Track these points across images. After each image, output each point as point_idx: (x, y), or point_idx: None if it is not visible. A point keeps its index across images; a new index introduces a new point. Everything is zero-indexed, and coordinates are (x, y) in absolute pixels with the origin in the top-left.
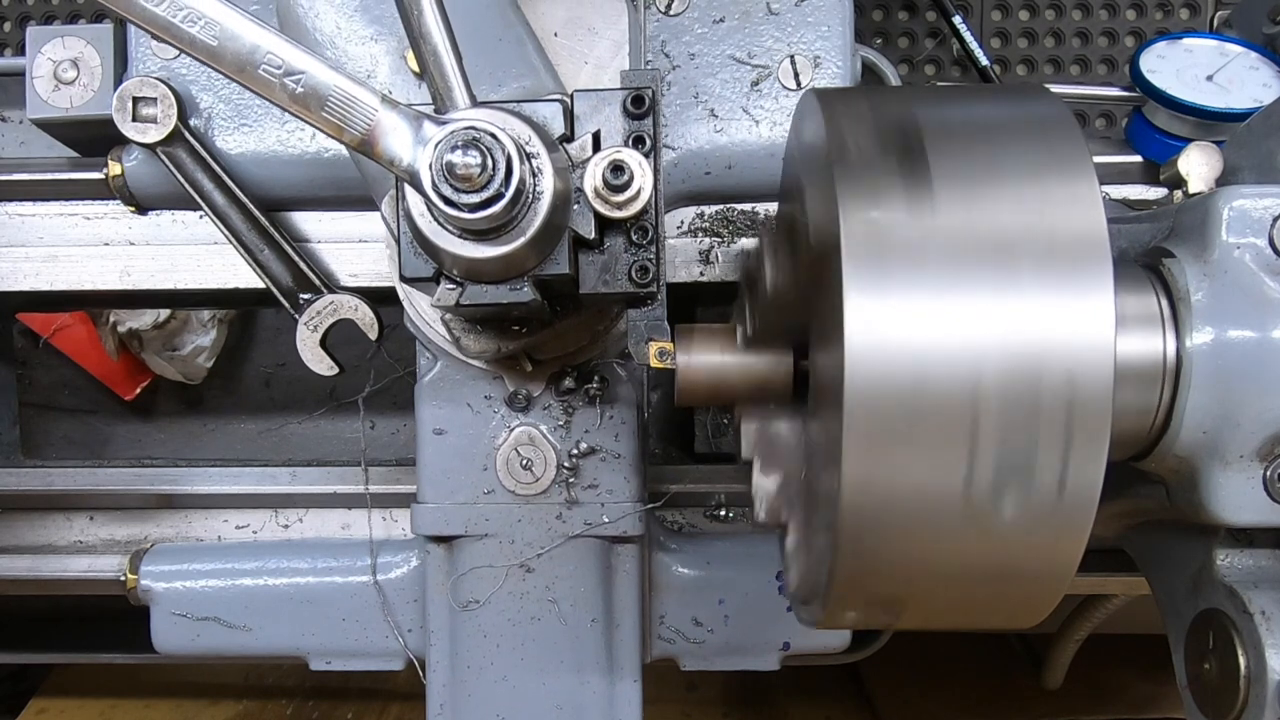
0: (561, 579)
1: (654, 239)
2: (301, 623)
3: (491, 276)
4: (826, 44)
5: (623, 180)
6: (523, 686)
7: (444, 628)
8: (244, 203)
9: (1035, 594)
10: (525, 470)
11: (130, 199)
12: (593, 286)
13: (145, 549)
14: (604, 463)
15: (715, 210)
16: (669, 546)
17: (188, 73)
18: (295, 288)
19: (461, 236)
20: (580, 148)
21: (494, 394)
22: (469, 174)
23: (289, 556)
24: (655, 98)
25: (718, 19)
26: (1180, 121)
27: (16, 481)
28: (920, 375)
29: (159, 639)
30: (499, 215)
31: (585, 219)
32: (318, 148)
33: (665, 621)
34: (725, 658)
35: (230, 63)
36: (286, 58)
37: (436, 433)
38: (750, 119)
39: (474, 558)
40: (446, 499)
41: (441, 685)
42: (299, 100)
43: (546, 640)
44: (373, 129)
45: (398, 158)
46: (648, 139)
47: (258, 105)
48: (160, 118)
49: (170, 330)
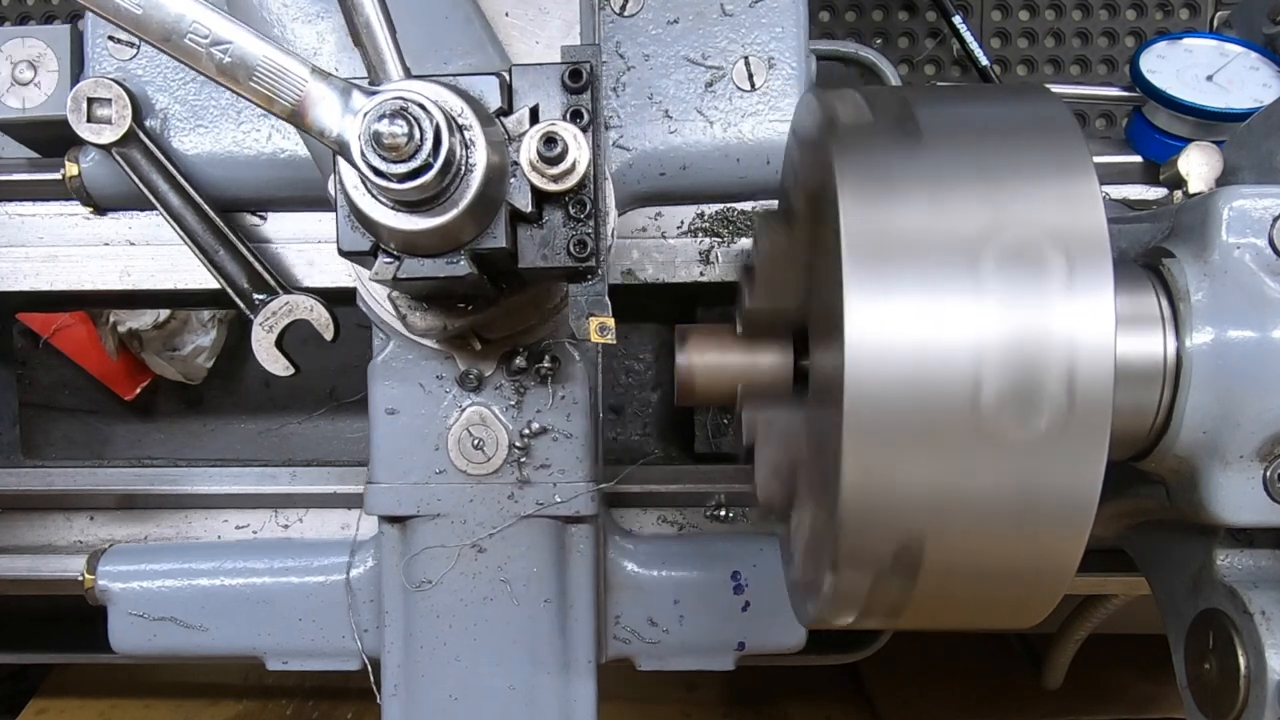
0: (514, 559)
1: (592, 213)
2: (258, 623)
3: (428, 250)
4: (781, 45)
5: (556, 153)
6: (476, 667)
7: (398, 608)
8: (198, 203)
9: (1035, 594)
10: (477, 450)
11: (88, 199)
12: (531, 261)
13: (103, 549)
14: (555, 443)
15: (715, 210)
16: (624, 547)
17: (144, 74)
18: (251, 289)
19: (395, 208)
20: (517, 121)
21: (445, 374)
22: (396, 144)
23: (246, 557)
24: (594, 72)
25: (672, 20)
26: (1180, 121)
27: (16, 481)
28: (920, 374)
29: (116, 639)
30: (429, 186)
31: (522, 192)
32: (274, 148)
33: (621, 621)
34: (681, 658)
35: (155, 31)
36: (213, 27)
37: (389, 412)
38: (705, 120)
39: (426, 538)
40: (399, 479)
41: (396, 666)
42: (226, 71)
43: (499, 620)
44: (302, 100)
45: (328, 129)
46: (585, 113)
47: (214, 106)
48: (115, 118)
49: (170, 330)
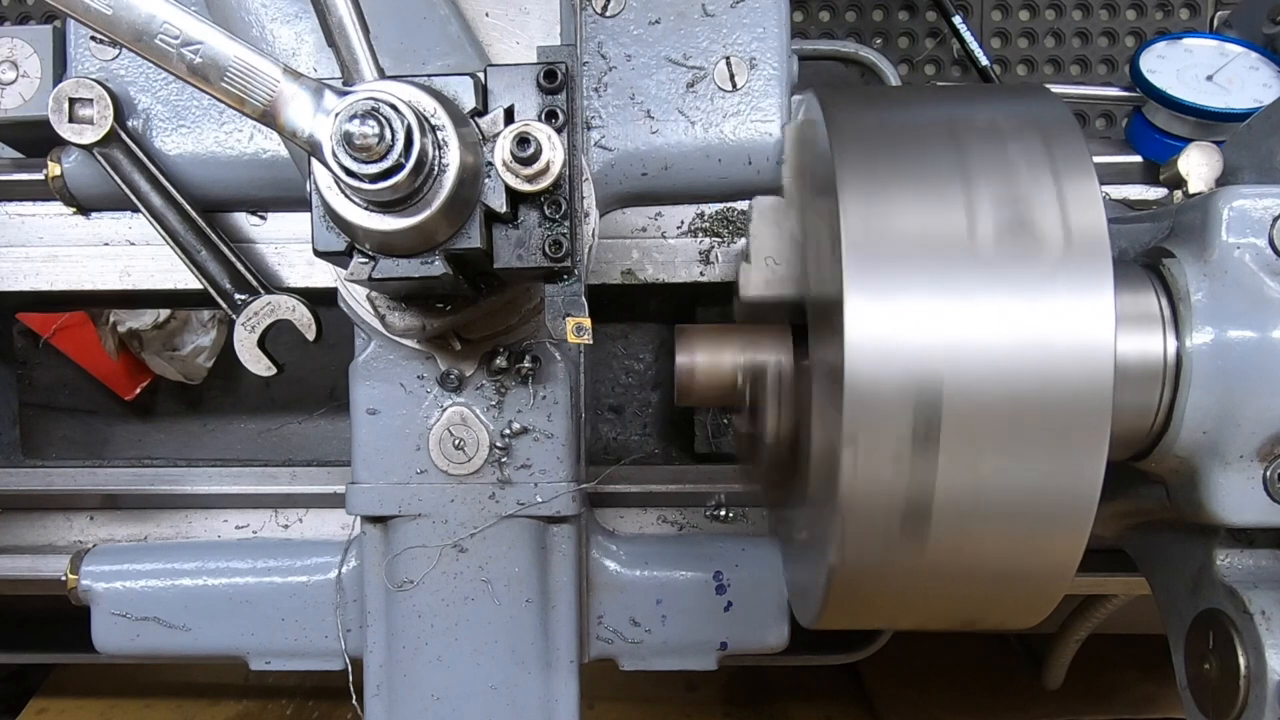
0: (495, 559)
1: (568, 213)
2: (241, 623)
3: (403, 250)
4: (762, 45)
5: (529, 153)
6: (458, 667)
7: (380, 609)
8: (181, 203)
9: (1035, 594)
10: (458, 450)
11: (70, 200)
12: (507, 261)
13: (87, 549)
14: (536, 443)
15: (715, 210)
16: (607, 547)
17: (126, 74)
18: (233, 288)
19: (368, 209)
20: (492, 122)
21: (426, 374)
22: (367, 144)
23: (229, 557)
24: (570, 72)
25: (653, 20)
26: (1180, 121)
27: (16, 481)
28: (919, 374)
29: (99, 639)
30: (401, 186)
31: (496, 192)
32: (256, 148)
33: (603, 621)
34: (664, 658)
35: (126, 32)
36: (184, 27)
37: (370, 413)
38: (686, 120)
39: (408, 538)
40: (380, 479)
41: (379, 666)
42: (198, 71)
43: (480, 621)
44: (274, 100)
45: (300, 129)
46: (560, 113)
47: (196, 106)
48: (97, 119)
49: (170, 330)
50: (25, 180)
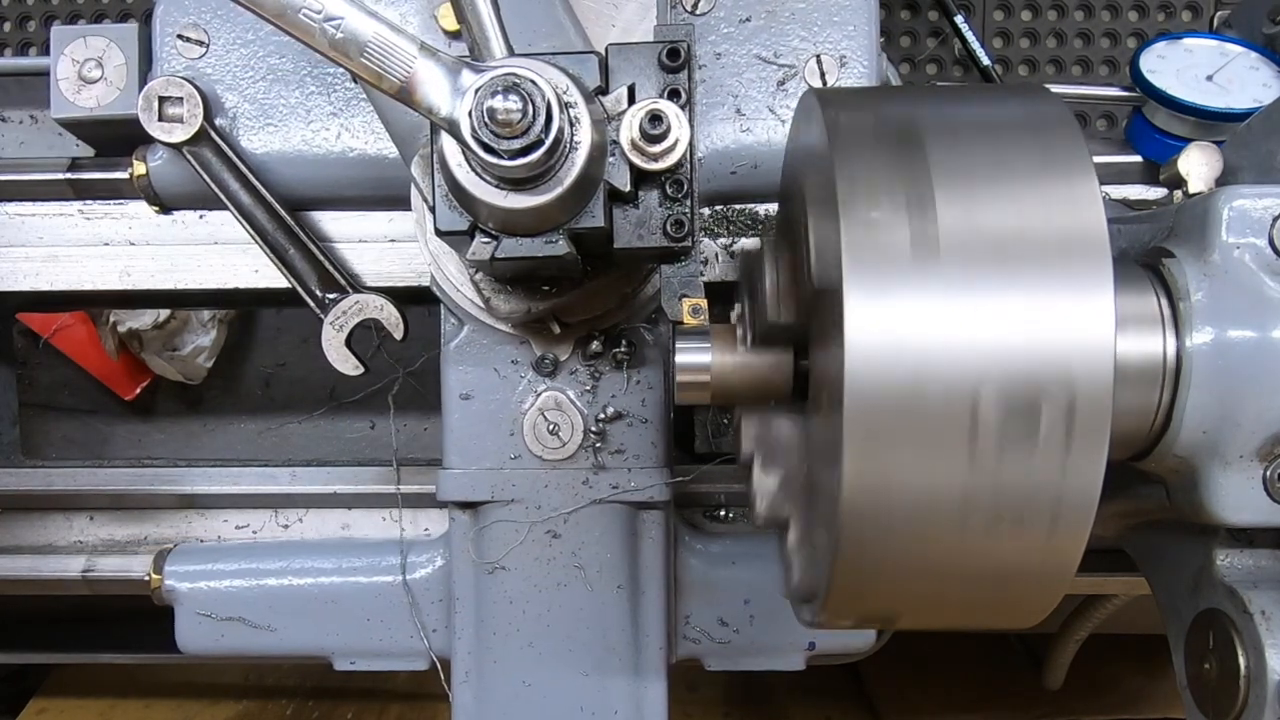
0: (588, 544)
1: (689, 193)
2: (326, 623)
3: (526, 229)
4: (853, 43)
5: (660, 130)
6: (549, 653)
7: (469, 596)
8: (270, 202)
9: (1035, 594)
10: (552, 435)
11: (155, 199)
12: (628, 241)
13: (169, 549)
14: (630, 428)
15: (715, 210)
16: (694, 546)
17: (213, 72)
18: (321, 288)
19: (498, 186)
20: (615, 100)
21: (520, 359)
22: (509, 119)
23: (313, 556)
24: (690, 51)
25: (744, 18)
26: (1180, 121)
27: (16, 481)
28: (920, 375)
29: (183, 639)
30: (537, 163)
31: (620, 171)
32: (343, 147)
33: (690, 622)
34: (751, 658)
35: (270, 7)
36: (325, 4)
37: (463, 398)
38: (776, 119)
39: (501, 523)
40: (473, 464)
41: (466, 653)
42: (338, 46)
43: (572, 606)
44: (411, 76)
45: (436, 106)
46: (683, 91)
47: (282, 105)
48: (186, 117)
49: (170, 330)
50: (40, 180)
